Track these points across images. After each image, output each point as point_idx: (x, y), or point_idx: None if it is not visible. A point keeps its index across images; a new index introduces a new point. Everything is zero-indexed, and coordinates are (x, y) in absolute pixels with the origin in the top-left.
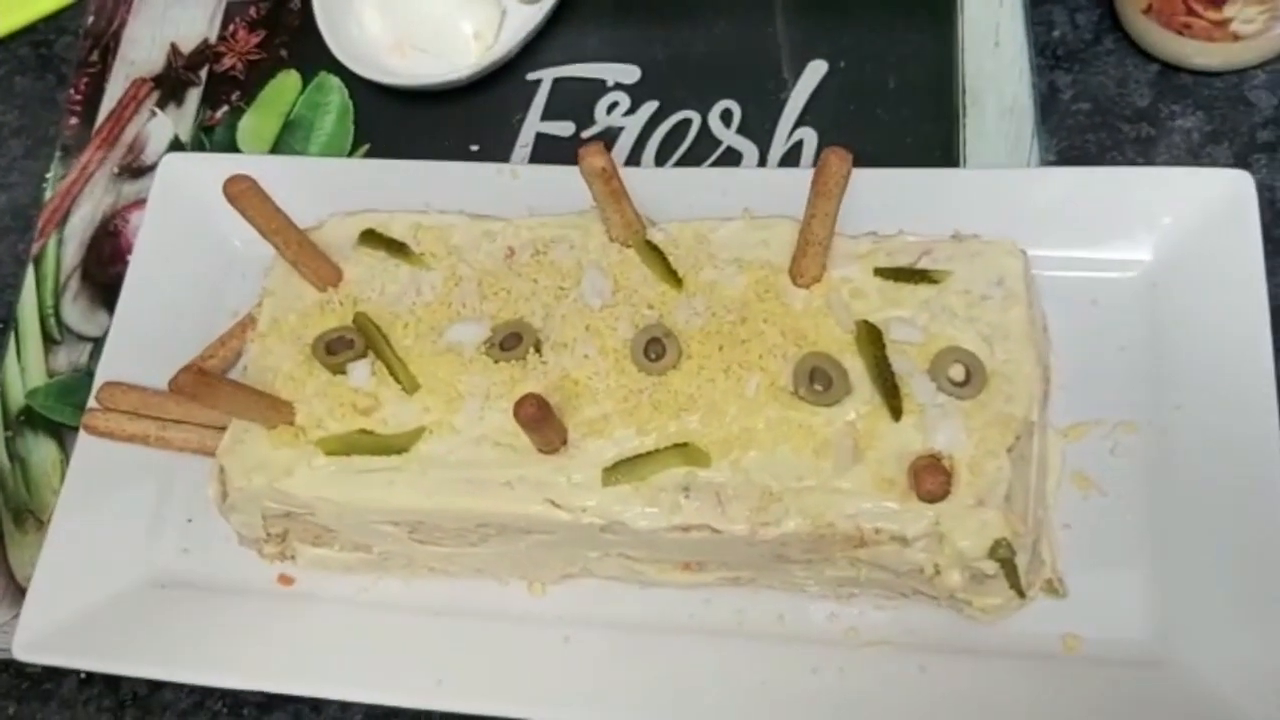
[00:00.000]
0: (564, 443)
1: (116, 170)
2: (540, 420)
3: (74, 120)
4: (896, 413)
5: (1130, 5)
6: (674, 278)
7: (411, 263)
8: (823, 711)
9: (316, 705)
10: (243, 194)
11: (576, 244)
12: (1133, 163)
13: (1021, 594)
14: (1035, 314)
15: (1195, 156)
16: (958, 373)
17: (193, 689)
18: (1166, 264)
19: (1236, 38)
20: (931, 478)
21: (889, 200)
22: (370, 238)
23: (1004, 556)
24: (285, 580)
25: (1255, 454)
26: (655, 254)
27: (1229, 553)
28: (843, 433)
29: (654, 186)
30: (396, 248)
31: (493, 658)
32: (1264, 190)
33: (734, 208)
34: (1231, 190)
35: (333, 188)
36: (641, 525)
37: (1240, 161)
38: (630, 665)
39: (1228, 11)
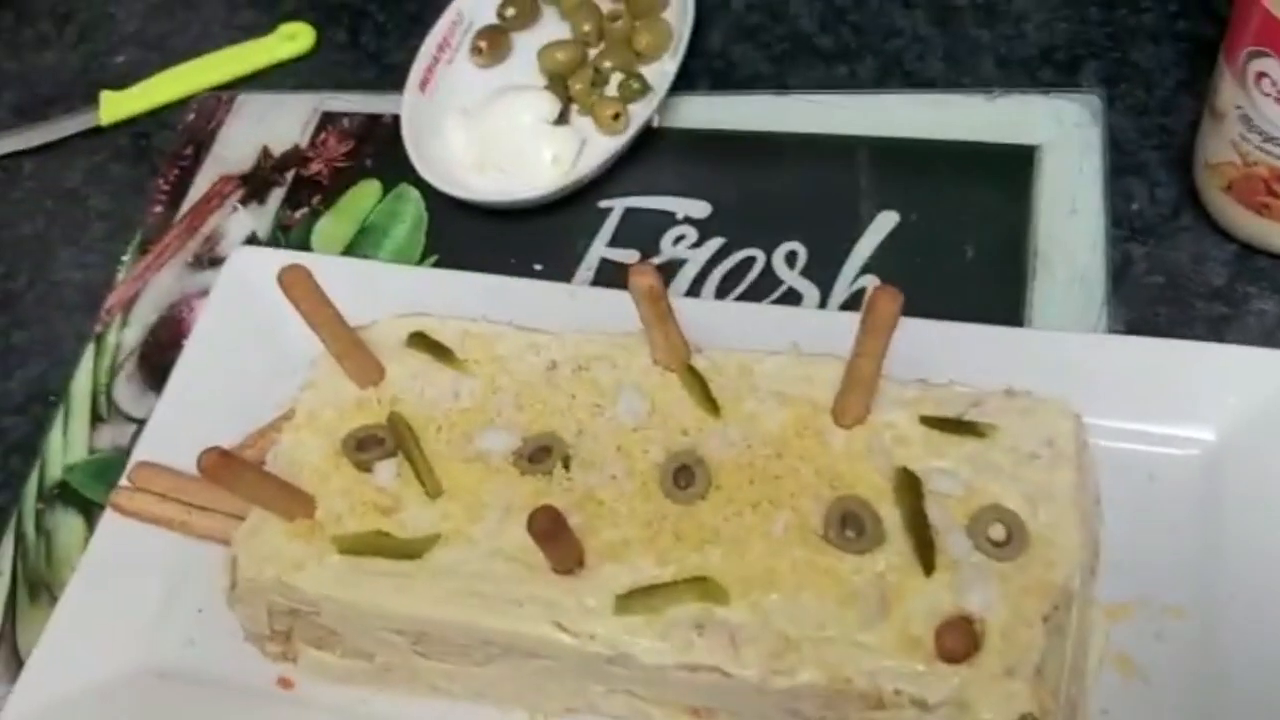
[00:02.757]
0: (580, 564)
1: (191, 260)
2: (553, 535)
3: (158, 208)
4: (929, 567)
5: (1210, 183)
6: (712, 405)
7: (454, 367)
8: None
9: None
10: (296, 284)
11: (619, 363)
12: (1202, 340)
13: None
14: (1088, 482)
15: (1269, 340)
16: (998, 532)
17: None
18: (1229, 446)
19: None
20: (954, 635)
21: (944, 354)
22: (418, 340)
23: None
24: (285, 683)
25: None
26: (696, 379)
27: None
28: (870, 583)
29: (707, 318)
30: (441, 351)
31: None
32: None
33: (784, 345)
34: None
35: (393, 292)
36: (650, 660)
37: None
38: None
39: None
